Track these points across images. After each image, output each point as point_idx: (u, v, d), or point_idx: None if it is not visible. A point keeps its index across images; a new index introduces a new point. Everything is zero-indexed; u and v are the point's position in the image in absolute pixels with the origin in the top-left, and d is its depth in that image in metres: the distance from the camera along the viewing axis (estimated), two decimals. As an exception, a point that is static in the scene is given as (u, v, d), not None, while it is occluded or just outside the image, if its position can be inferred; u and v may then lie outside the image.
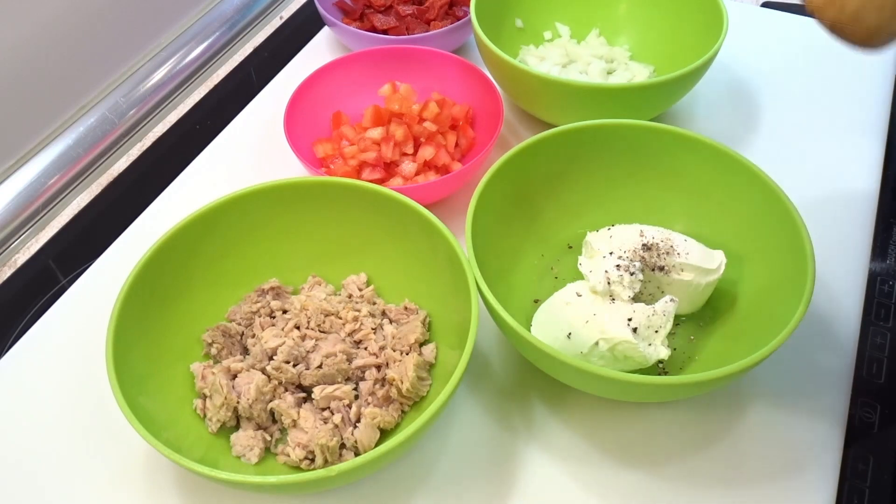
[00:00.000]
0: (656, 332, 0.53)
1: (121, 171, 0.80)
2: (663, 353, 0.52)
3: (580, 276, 0.57)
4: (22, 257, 0.72)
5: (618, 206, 0.64)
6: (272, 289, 0.60)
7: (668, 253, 0.57)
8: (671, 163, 0.62)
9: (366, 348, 0.57)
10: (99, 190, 0.78)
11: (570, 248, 0.64)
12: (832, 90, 0.81)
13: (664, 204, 0.63)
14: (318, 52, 0.92)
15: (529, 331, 0.54)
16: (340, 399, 0.53)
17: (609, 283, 0.55)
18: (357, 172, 0.70)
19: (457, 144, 0.73)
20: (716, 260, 0.57)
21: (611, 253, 0.57)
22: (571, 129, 0.61)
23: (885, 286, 0.63)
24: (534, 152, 0.61)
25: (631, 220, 0.61)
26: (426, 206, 0.56)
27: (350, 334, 0.57)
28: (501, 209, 0.60)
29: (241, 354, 0.57)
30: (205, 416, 0.53)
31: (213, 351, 0.57)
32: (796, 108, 0.80)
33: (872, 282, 0.64)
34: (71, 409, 0.58)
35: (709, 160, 0.60)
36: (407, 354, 0.55)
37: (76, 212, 0.76)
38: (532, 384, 0.58)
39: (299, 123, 0.72)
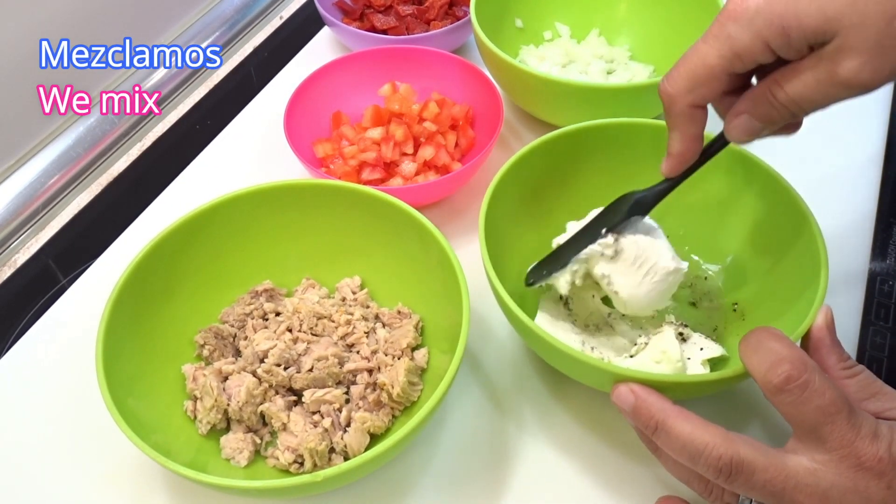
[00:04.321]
0: (702, 349, 0.54)
1: (121, 171, 0.80)
2: (702, 370, 0.53)
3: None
4: (22, 257, 0.72)
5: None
6: (266, 291, 0.60)
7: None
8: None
9: (358, 352, 0.57)
10: (99, 190, 0.78)
11: None
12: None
13: (674, 204, 0.63)
14: (318, 52, 0.92)
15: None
16: (331, 403, 0.53)
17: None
18: (357, 172, 0.70)
19: (457, 144, 0.73)
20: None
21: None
22: (580, 128, 0.61)
23: (885, 286, 0.63)
24: (542, 153, 0.60)
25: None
26: (426, 206, 0.56)
27: (342, 338, 0.57)
28: (512, 210, 0.59)
29: (233, 356, 0.57)
30: (195, 417, 0.54)
31: (206, 352, 0.57)
32: (796, 108, 0.80)
33: (872, 282, 0.64)
34: (69, 409, 0.58)
35: (720, 161, 0.60)
36: (399, 359, 0.55)
37: (76, 212, 0.76)
38: (524, 388, 0.58)
39: (299, 123, 0.72)
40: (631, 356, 0.55)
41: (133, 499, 0.53)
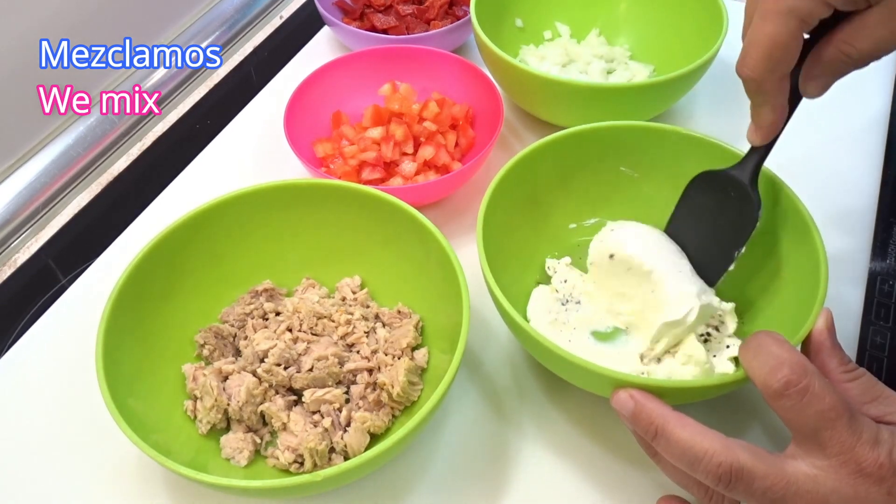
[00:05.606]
0: (728, 347, 0.54)
1: (121, 170, 0.80)
2: (729, 367, 0.53)
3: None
4: (22, 257, 0.72)
5: (627, 207, 0.63)
6: (266, 290, 0.60)
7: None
8: (679, 164, 0.61)
9: (358, 352, 0.57)
10: (99, 190, 0.78)
11: (578, 245, 0.64)
12: (832, 89, 0.81)
13: (668, 205, 0.63)
14: (318, 51, 0.92)
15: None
16: (331, 403, 0.53)
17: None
18: (357, 172, 0.70)
19: (457, 144, 0.73)
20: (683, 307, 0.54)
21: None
22: (581, 131, 0.61)
23: (885, 286, 0.63)
24: (542, 155, 0.60)
25: (642, 220, 0.60)
26: (426, 206, 0.56)
27: (343, 337, 0.57)
28: (511, 213, 0.59)
29: (233, 356, 0.57)
30: (195, 417, 0.54)
31: (206, 352, 0.57)
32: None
33: (872, 282, 0.64)
34: (69, 409, 0.58)
35: (716, 163, 0.60)
36: (399, 359, 0.55)
37: (76, 212, 0.76)
38: (524, 388, 0.58)
39: (299, 123, 0.72)
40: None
41: (133, 499, 0.53)
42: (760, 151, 0.52)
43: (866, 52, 0.43)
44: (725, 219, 0.55)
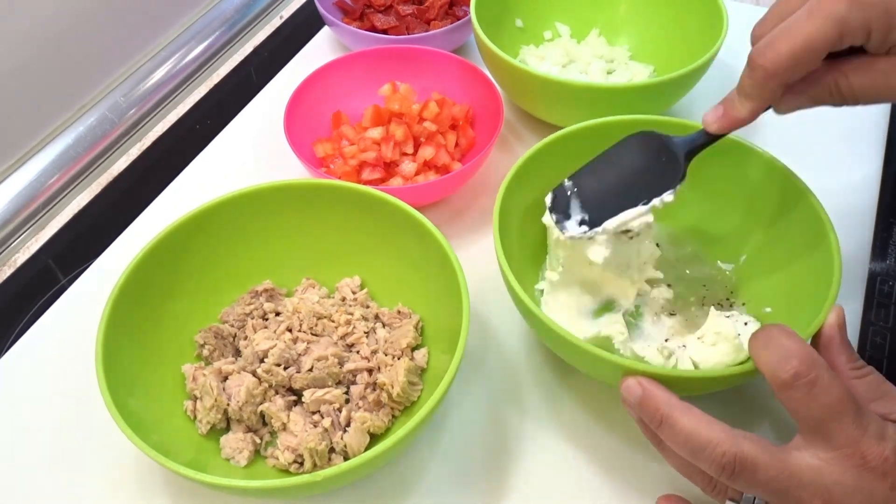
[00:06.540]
0: (746, 324, 0.54)
1: (121, 170, 0.80)
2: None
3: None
4: (22, 257, 0.72)
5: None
6: (266, 290, 0.60)
7: None
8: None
9: (358, 352, 0.57)
10: (99, 190, 0.78)
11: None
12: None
13: (684, 201, 0.63)
14: (318, 51, 0.92)
15: None
16: (331, 403, 0.53)
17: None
18: (357, 172, 0.70)
19: (457, 144, 0.73)
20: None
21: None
22: (590, 126, 0.61)
23: (885, 286, 0.63)
24: (551, 151, 0.60)
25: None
26: (426, 206, 0.56)
27: (342, 337, 0.57)
28: (523, 209, 0.59)
29: (233, 356, 0.57)
30: (195, 417, 0.54)
31: (206, 352, 0.57)
32: (796, 108, 0.79)
33: (872, 282, 0.64)
34: (69, 409, 0.58)
35: (736, 159, 0.60)
36: (398, 359, 0.55)
37: (76, 211, 0.76)
38: (523, 388, 0.58)
39: (299, 123, 0.72)
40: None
41: (133, 499, 0.53)
42: (710, 137, 0.51)
43: (856, 90, 0.43)
44: (642, 178, 0.53)
